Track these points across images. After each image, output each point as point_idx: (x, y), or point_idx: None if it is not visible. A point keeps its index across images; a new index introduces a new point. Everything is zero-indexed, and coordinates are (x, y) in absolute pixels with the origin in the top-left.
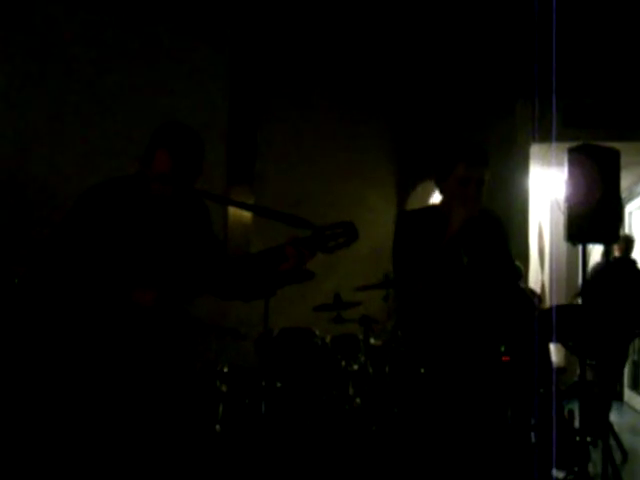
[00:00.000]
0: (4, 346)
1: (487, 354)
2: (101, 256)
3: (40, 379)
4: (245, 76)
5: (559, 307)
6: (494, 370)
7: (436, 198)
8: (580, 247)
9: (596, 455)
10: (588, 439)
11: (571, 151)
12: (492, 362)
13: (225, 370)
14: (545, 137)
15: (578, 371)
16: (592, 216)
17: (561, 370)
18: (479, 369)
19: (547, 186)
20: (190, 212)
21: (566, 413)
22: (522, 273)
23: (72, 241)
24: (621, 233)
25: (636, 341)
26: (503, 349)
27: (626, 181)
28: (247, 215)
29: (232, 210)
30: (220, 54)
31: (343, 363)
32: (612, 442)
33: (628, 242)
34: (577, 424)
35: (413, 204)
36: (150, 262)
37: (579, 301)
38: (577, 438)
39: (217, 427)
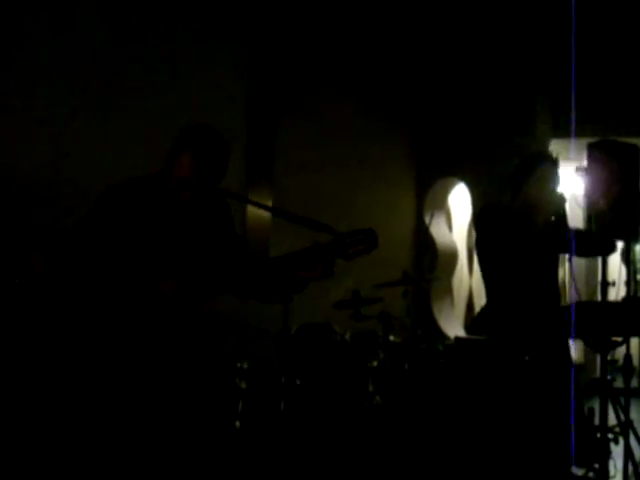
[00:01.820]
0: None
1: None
2: (119, 249)
3: (57, 369)
4: (263, 75)
5: (579, 304)
6: (518, 368)
7: (455, 195)
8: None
9: (617, 452)
10: (609, 436)
11: (591, 147)
12: (517, 360)
13: (245, 367)
14: (564, 132)
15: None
16: (611, 212)
17: (580, 367)
18: (507, 366)
19: (566, 182)
20: (211, 210)
21: (586, 410)
22: None
23: (92, 234)
24: None
25: None
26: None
27: None
28: (266, 215)
29: (251, 210)
30: (238, 53)
31: (362, 360)
32: (632, 440)
33: None
34: (597, 421)
35: (432, 201)
36: (168, 255)
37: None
38: (597, 435)
39: (237, 423)
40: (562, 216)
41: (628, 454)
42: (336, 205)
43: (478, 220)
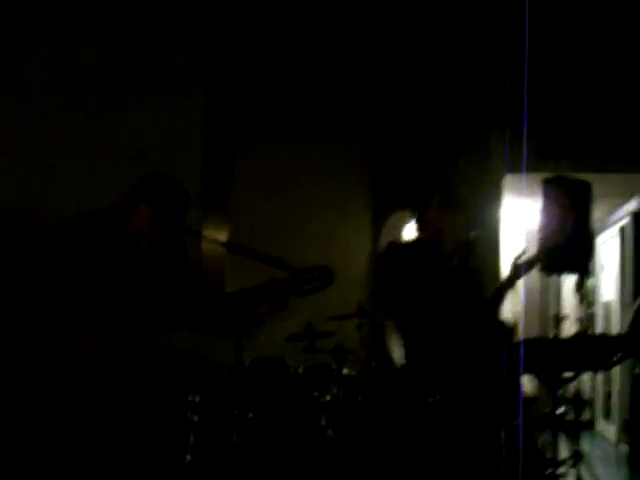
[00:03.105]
0: None
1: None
2: (62, 293)
3: None
4: (221, 107)
5: (530, 340)
6: (471, 404)
7: (411, 227)
8: (554, 278)
9: None
10: (560, 470)
11: (545, 182)
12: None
13: (197, 400)
14: (518, 168)
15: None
16: (564, 247)
17: (533, 400)
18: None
19: (520, 217)
20: (165, 248)
21: (540, 444)
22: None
23: (35, 275)
24: None
25: (608, 372)
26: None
27: (598, 212)
28: (222, 250)
29: (207, 244)
30: (196, 83)
31: (315, 393)
32: (585, 473)
33: None
34: (549, 455)
35: (388, 234)
36: (116, 302)
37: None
38: (548, 470)
39: (188, 457)
40: (467, 258)
41: None
42: (292, 237)
43: (378, 263)
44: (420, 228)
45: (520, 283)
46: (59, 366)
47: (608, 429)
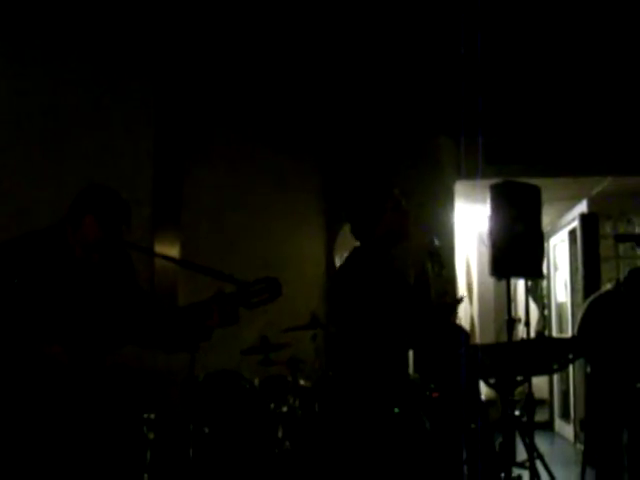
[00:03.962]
0: None
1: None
2: (15, 313)
3: None
4: (171, 119)
5: (481, 347)
6: (425, 406)
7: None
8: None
9: None
10: (517, 472)
11: (493, 187)
12: (424, 398)
13: (152, 417)
14: (470, 174)
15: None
16: (514, 251)
17: (491, 403)
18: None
19: (473, 222)
20: (112, 263)
21: (497, 446)
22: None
23: None
24: None
25: (564, 371)
26: (432, 386)
27: (548, 216)
28: (173, 264)
29: (158, 259)
30: (145, 97)
31: (272, 406)
32: (543, 472)
33: None
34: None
35: (342, 243)
36: (67, 319)
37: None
38: (504, 472)
39: (145, 476)
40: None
41: None
42: (246, 249)
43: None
44: (373, 232)
45: (475, 288)
46: (25, 378)
47: (566, 429)
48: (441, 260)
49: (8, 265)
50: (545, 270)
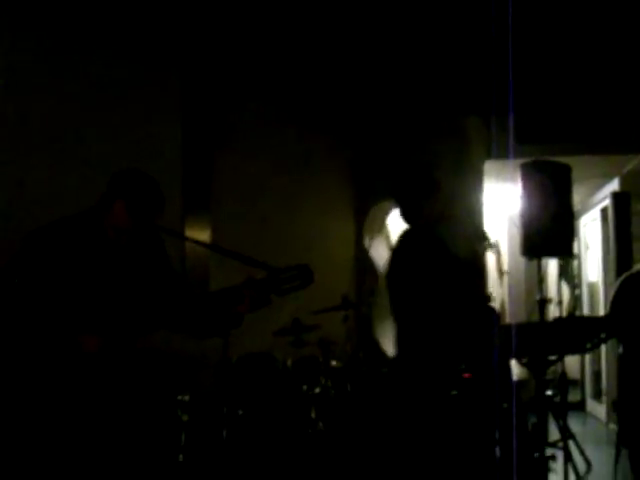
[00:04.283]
0: None
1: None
2: (49, 301)
3: None
4: (200, 103)
5: (515, 326)
6: (458, 387)
7: (393, 218)
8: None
9: (559, 466)
10: (548, 452)
11: (523, 167)
12: (455, 379)
13: (186, 399)
14: (500, 153)
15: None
16: (546, 231)
17: (523, 383)
18: (442, 386)
19: (503, 201)
20: (145, 248)
21: (530, 426)
22: None
23: (19, 284)
24: None
25: (596, 351)
26: (463, 366)
27: (579, 195)
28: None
29: (190, 244)
30: (173, 78)
31: (304, 387)
32: (576, 452)
33: None
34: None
35: (371, 225)
36: (98, 308)
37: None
38: (539, 451)
39: (180, 457)
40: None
41: (568, 467)
42: (275, 232)
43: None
44: (422, 215)
45: (505, 269)
46: (58, 368)
47: (598, 409)
48: (488, 239)
49: (44, 250)
50: (576, 249)
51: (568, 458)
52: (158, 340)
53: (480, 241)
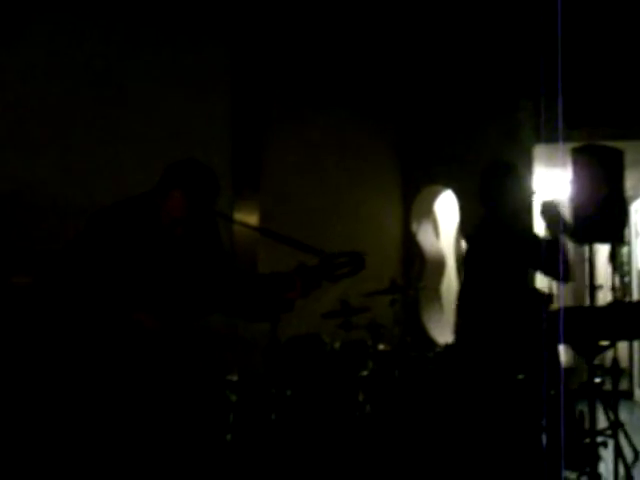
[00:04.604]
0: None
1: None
2: (108, 279)
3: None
4: (248, 85)
5: (567, 309)
6: (506, 374)
7: (441, 202)
8: (587, 247)
9: (608, 455)
10: (599, 439)
11: (575, 151)
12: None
13: (234, 379)
14: (550, 137)
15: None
16: (596, 216)
17: (570, 370)
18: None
19: (553, 186)
20: (200, 231)
21: (577, 413)
22: None
23: (81, 263)
24: None
25: None
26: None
27: (632, 180)
28: (254, 232)
29: (238, 227)
30: (222, 63)
31: (352, 369)
32: (623, 441)
33: None
34: (587, 424)
35: (418, 209)
36: (154, 288)
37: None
38: (587, 439)
39: (228, 436)
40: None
41: (618, 456)
42: (323, 216)
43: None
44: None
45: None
46: (115, 345)
47: None
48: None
49: (106, 230)
50: (626, 236)
51: (617, 447)
52: (208, 320)
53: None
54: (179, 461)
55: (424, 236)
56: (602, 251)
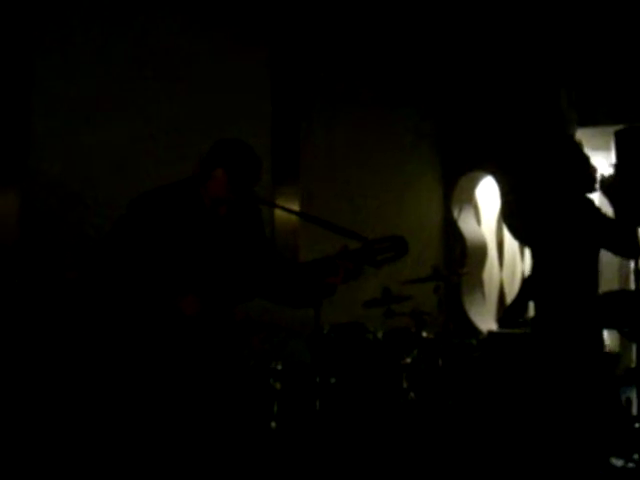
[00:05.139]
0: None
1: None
2: (151, 264)
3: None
4: (288, 76)
5: (611, 293)
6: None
7: (482, 188)
8: None
9: None
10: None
11: (618, 134)
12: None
13: (279, 368)
14: (591, 121)
15: (634, 357)
16: None
17: (615, 357)
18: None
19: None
20: (243, 217)
21: (624, 400)
22: None
23: (124, 249)
24: None
25: None
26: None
27: None
28: (295, 219)
29: (279, 214)
30: (261, 51)
31: (396, 357)
32: None
33: None
34: (635, 411)
35: (459, 196)
36: (200, 271)
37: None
38: (636, 425)
39: (272, 424)
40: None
41: None
42: (363, 203)
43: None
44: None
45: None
46: (158, 330)
47: None
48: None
49: (147, 216)
50: None
51: None
52: (253, 309)
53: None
54: (224, 449)
55: (465, 223)
56: None
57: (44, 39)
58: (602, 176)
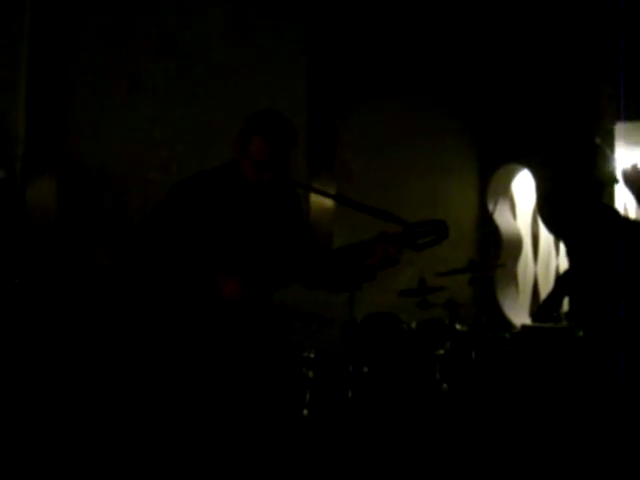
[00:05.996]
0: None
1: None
2: (192, 246)
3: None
4: (325, 62)
5: None
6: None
7: (518, 182)
8: None
9: None
10: None
11: None
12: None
13: (312, 356)
14: (632, 115)
15: None
16: None
17: None
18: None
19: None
20: (283, 201)
21: None
22: None
23: (164, 233)
24: None
25: None
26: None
27: None
28: (330, 204)
29: (315, 199)
30: (299, 42)
31: (429, 348)
32: None
33: None
34: None
35: (495, 189)
36: (241, 255)
37: None
38: None
39: (305, 412)
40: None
41: None
42: (399, 193)
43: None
44: None
45: None
46: (197, 312)
47: None
48: None
49: (189, 199)
50: None
51: None
52: (286, 297)
53: None
54: (256, 436)
55: (501, 216)
56: None
57: (83, 31)
58: (624, 170)
